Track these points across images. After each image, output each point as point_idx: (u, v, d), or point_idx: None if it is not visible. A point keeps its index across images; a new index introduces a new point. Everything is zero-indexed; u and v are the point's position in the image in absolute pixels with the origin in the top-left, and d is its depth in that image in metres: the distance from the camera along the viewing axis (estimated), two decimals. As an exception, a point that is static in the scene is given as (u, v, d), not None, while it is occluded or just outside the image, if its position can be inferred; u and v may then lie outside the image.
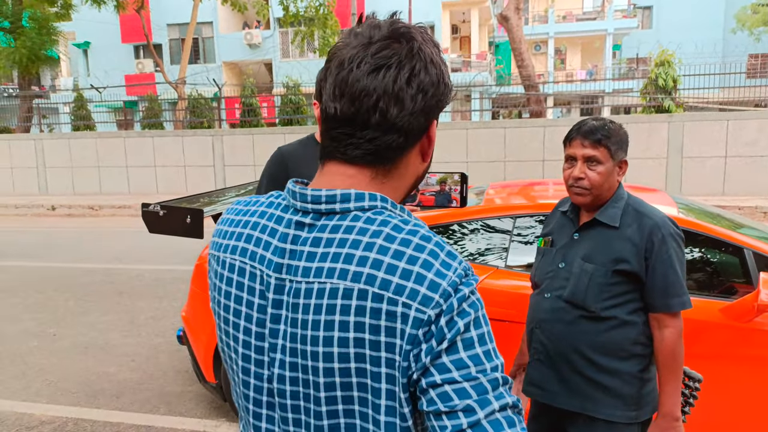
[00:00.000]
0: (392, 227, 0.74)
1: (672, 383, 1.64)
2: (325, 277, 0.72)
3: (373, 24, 0.78)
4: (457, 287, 0.70)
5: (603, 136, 1.67)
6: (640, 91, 11.56)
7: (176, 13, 25.05)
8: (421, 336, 0.68)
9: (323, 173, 0.81)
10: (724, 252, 2.75)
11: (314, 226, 0.76)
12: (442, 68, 0.79)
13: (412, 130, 0.78)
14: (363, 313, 0.69)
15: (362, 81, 0.74)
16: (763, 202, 9.15)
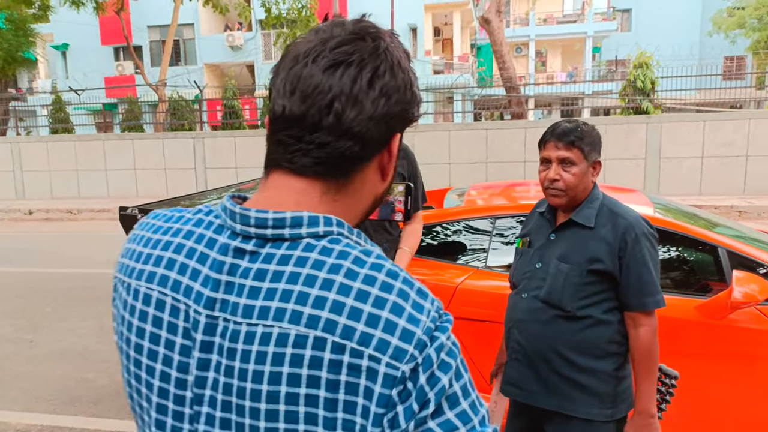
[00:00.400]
0: (353, 260, 0.62)
1: (647, 381, 1.66)
2: (273, 320, 0.59)
3: (337, 22, 0.70)
4: (432, 334, 0.60)
5: (576, 137, 1.70)
6: (619, 93, 11.73)
7: (157, 14, 24.81)
8: (395, 397, 0.57)
9: (266, 186, 0.70)
10: (699, 251, 2.80)
11: (257, 255, 0.64)
12: (410, 75, 0.71)
13: (371, 139, 0.68)
14: (319, 366, 0.57)
15: (317, 77, 0.65)
16: (738, 202, 9.33)
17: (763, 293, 2.15)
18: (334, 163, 0.67)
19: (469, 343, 2.59)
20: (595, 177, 1.76)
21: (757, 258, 2.47)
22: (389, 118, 0.68)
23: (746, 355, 2.34)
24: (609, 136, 10.44)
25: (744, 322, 2.31)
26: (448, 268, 2.74)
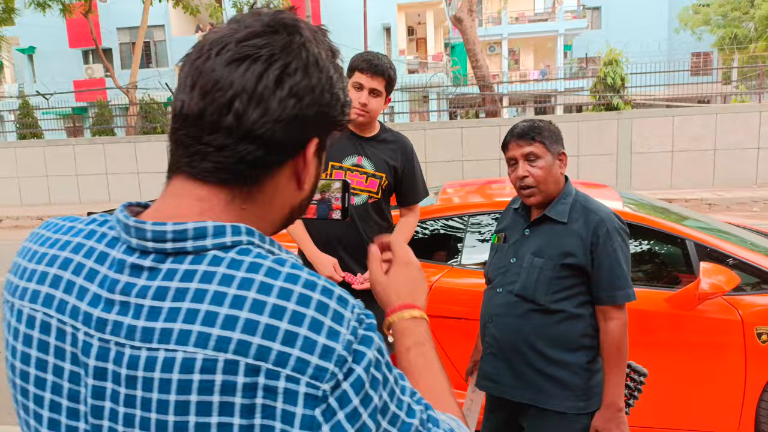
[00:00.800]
0: (266, 272, 0.56)
1: (616, 374, 1.69)
2: (176, 343, 0.53)
3: (256, 11, 0.65)
4: (354, 349, 0.56)
5: (535, 132, 1.75)
6: (590, 90, 11.91)
7: (126, 16, 24.37)
8: (319, 417, 0.53)
9: (167, 193, 0.63)
10: (668, 244, 2.87)
11: (157, 271, 0.57)
12: (331, 75, 0.65)
13: (278, 143, 0.62)
14: (232, 392, 0.52)
15: (218, 71, 0.59)
16: (708, 194, 9.56)
17: (729, 284, 2.21)
18: (237, 169, 0.61)
19: (444, 340, 2.61)
20: (563, 169, 1.80)
21: (723, 249, 2.54)
22: (301, 122, 0.63)
23: (714, 345, 2.40)
24: (581, 132, 10.60)
25: (712, 312, 2.38)
26: (424, 266, 2.75)
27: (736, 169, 10.29)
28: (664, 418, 2.51)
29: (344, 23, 23.41)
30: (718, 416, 2.45)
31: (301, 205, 0.70)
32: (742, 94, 13.28)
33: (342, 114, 0.68)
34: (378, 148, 2.29)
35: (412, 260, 0.89)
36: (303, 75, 0.62)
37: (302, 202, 0.70)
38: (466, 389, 2.64)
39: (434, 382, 0.75)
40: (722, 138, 10.30)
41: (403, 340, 0.80)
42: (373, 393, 0.56)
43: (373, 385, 0.56)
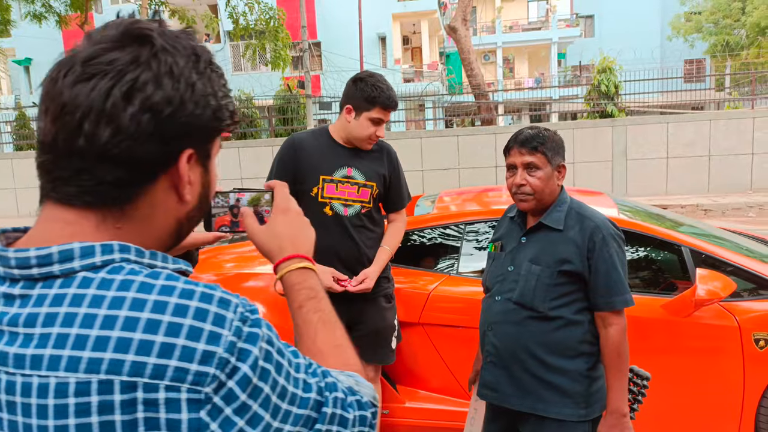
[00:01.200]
0: (138, 288, 0.56)
1: (618, 380, 1.69)
2: (47, 369, 0.53)
3: (111, 23, 0.62)
4: (239, 348, 0.57)
5: (538, 143, 1.75)
6: (584, 98, 11.98)
7: (122, 27, 24.42)
8: (205, 417, 0.55)
9: (39, 220, 0.62)
10: (664, 250, 2.88)
11: (28, 298, 0.57)
12: (192, 82, 0.62)
13: (138, 161, 0.59)
14: (110, 411, 0.52)
15: (65, 93, 0.57)
16: (703, 200, 9.60)
17: (725, 290, 2.22)
18: (100, 191, 0.59)
19: (443, 348, 2.61)
20: (561, 180, 1.81)
21: (719, 256, 2.55)
22: (162, 136, 0.60)
23: (712, 351, 2.41)
24: (576, 139, 10.65)
25: (709, 318, 2.38)
26: (421, 275, 2.75)
27: (731, 175, 10.34)
28: (663, 425, 2.50)
29: (340, 33, 23.54)
30: (717, 423, 2.45)
31: (189, 217, 0.68)
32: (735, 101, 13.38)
33: (217, 120, 0.66)
34: (366, 158, 2.32)
35: (291, 206, 0.87)
36: (155, 87, 0.59)
37: (189, 214, 0.68)
38: (465, 398, 2.63)
39: (331, 336, 0.76)
40: (716, 144, 10.35)
41: (294, 296, 0.79)
42: (263, 384, 0.58)
43: (263, 376, 0.58)
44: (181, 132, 0.62)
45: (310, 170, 2.25)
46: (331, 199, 2.25)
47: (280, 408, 0.59)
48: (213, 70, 0.66)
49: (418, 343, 2.64)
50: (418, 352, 2.66)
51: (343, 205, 2.27)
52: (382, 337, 2.39)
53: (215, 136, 0.68)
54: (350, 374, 0.72)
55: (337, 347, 0.76)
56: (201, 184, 0.68)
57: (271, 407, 0.58)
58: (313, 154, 2.27)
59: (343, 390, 0.67)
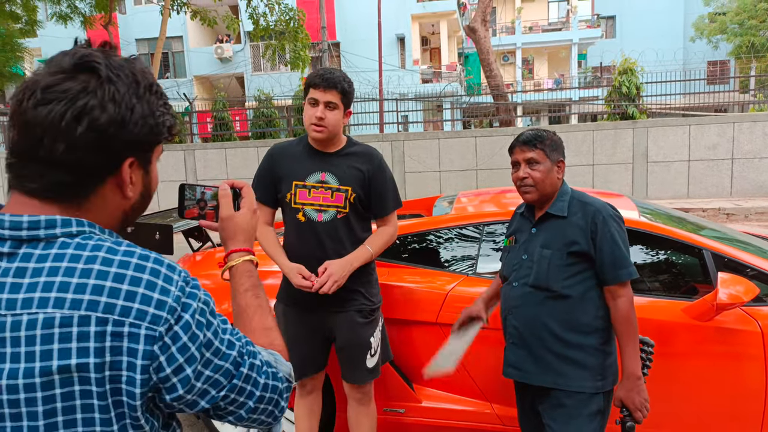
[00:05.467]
0: (107, 250, 0.74)
1: (631, 346, 1.87)
2: (37, 308, 0.70)
3: (65, 53, 0.77)
4: (182, 302, 0.76)
5: (538, 141, 1.98)
6: (605, 99, 11.85)
7: (145, 28, 24.81)
8: (157, 350, 0.73)
9: (10, 203, 0.78)
10: (685, 253, 2.84)
11: (15, 255, 0.73)
12: (132, 106, 0.77)
13: (87, 168, 0.76)
14: (86, 339, 0.70)
15: (29, 113, 0.73)
16: (725, 204, 9.44)
17: (748, 294, 2.19)
18: (57, 190, 0.76)
19: (461, 349, 2.61)
20: (560, 175, 2.02)
21: (741, 260, 2.52)
22: (106, 149, 0.76)
23: (733, 355, 2.38)
24: (596, 141, 10.55)
25: (730, 323, 2.35)
26: (439, 275, 2.76)
27: (755, 178, 10.16)
28: (683, 430, 2.48)
29: (359, 34, 23.60)
30: (737, 428, 2.42)
31: (133, 209, 0.86)
32: (760, 103, 13.13)
33: (154, 135, 0.82)
34: (342, 162, 2.27)
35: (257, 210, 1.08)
36: (101, 111, 0.74)
37: (133, 206, 0.85)
38: (482, 398, 2.64)
39: (264, 319, 0.95)
40: (740, 147, 10.18)
41: (243, 281, 0.98)
42: (199, 332, 0.77)
43: (199, 326, 0.78)
44: (122, 146, 0.78)
45: (285, 177, 2.27)
46: (303, 204, 2.24)
47: (204, 354, 0.78)
48: (152, 93, 0.82)
49: (435, 343, 2.65)
50: (435, 352, 2.66)
51: (316, 211, 2.24)
52: (354, 355, 2.30)
53: (154, 146, 0.84)
54: (272, 352, 0.91)
55: (267, 329, 0.95)
56: (142, 183, 0.84)
57: (200, 352, 0.77)
58: (287, 162, 2.30)
59: (261, 361, 0.86)
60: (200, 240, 3.34)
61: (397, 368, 2.71)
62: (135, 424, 0.75)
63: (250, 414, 0.84)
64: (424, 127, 15.78)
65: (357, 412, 2.40)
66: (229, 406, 0.82)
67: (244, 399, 0.83)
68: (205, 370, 0.78)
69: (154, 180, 0.88)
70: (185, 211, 1.07)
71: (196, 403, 0.78)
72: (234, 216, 1.03)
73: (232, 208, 1.04)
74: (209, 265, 3.09)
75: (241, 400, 0.83)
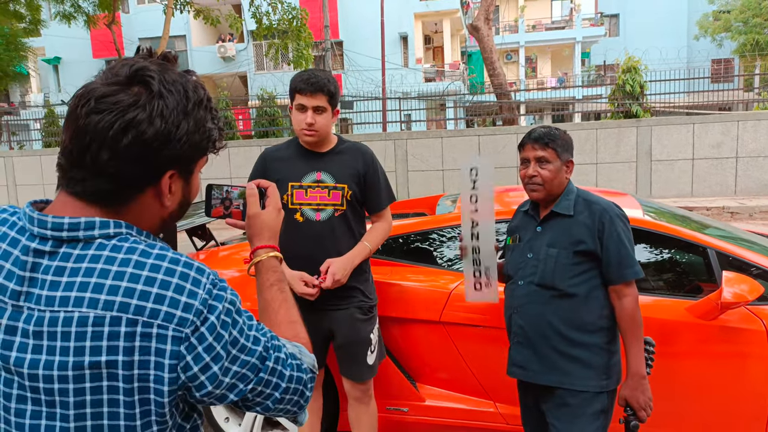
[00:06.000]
0: (140, 253, 0.77)
1: (635, 345, 1.87)
2: (73, 306, 0.74)
3: (124, 63, 0.80)
4: (209, 304, 0.79)
5: (549, 139, 1.96)
6: (609, 97, 11.82)
7: (148, 27, 24.85)
8: (183, 350, 0.77)
9: (56, 201, 0.82)
10: (689, 252, 2.84)
11: (56, 254, 0.77)
12: (178, 122, 0.80)
13: (127, 178, 0.79)
14: (117, 338, 0.74)
15: (81, 120, 0.76)
16: (730, 203, 9.41)
17: (752, 293, 2.18)
18: (99, 195, 0.79)
19: (463, 347, 2.61)
20: (569, 174, 2.01)
21: (746, 258, 2.51)
22: (148, 162, 0.79)
23: (737, 355, 2.37)
24: (600, 140, 10.52)
25: (735, 322, 2.34)
26: (443, 273, 2.76)
27: (759, 177, 10.12)
28: (687, 429, 2.47)
29: (362, 32, 23.59)
30: (742, 428, 2.42)
31: (171, 216, 0.89)
32: (764, 101, 13.07)
33: (198, 151, 0.85)
34: (336, 160, 2.29)
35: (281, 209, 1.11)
36: (148, 125, 0.77)
37: (171, 214, 0.89)
38: (485, 397, 2.64)
39: (289, 313, 0.99)
40: (744, 145, 10.14)
41: (268, 276, 1.01)
42: (224, 332, 0.80)
43: (224, 326, 0.80)
44: (165, 159, 0.81)
45: (280, 180, 2.26)
46: (301, 205, 2.25)
47: (231, 352, 0.81)
48: (201, 108, 0.84)
49: (438, 342, 2.65)
50: (438, 350, 2.67)
51: (314, 210, 2.25)
52: (354, 352, 2.32)
53: (197, 161, 0.87)
54: (296, 344, 0.94)
55: (292, 323, 0.98)
56: (182, 193, 0.88)
57: (227, 350, 0.80)
58: (281, 164, 2.30)
59: (286, 353, 0.89)
60: (203, 239, 3.35)
61: (400, 367, 2.71)
62: (159, 420, 0.79)
63: (276, 404, 0.88)
64: (427, 126, 15.78)
65: (357, 410, 2.41)
66: (257, 398, 0.86)
67: (271, 390, 0.86)
68: (232, 366, 0.81)
69: (194, 189, 0.91)
70: (212, 210, 1.10)
71: (225, 397, 0.82)
72: (260, 214, 1.06)
73: (259, 207, 1.07)
74: (213, 263, 3.09)
75: (268, 391, 0.86)
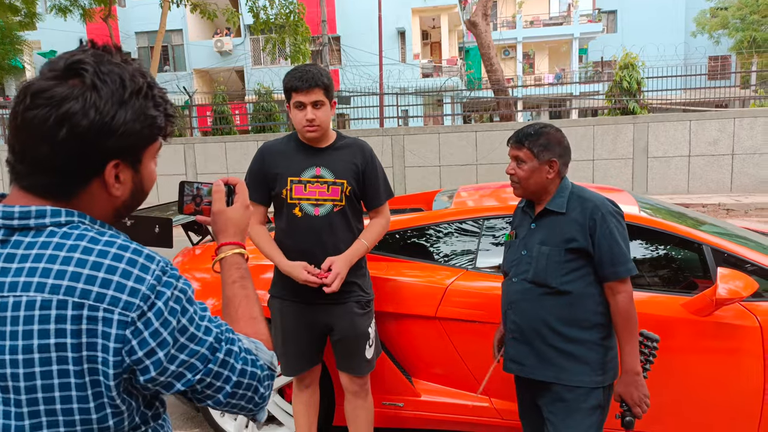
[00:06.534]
0: (89, 240, 0.79)
1: (630, 342, 1.87)
2: (21, 291, 0.76)
3: (61, 56, 0.80)
4: (157, 290, 0.80)
5: (526, 140, 1.96)
6: (606, 94, 11.83)
7: (144, 21, 24.72)
8: (129, 335, 0.78)
9: (11, 195, 0.84)
10: (685, 249, 2.84)
11: (7, 242, 0.79)
12: (114, 113, 0.79)
13: (70, 172, 0.80)
14: (64, 321, 0.75)
15: (18, 118, 0.78)
16: (725, 199, 9.44)
17: (747, 289, 2.19)
18: (48, 189, 0.81)
19: (459, 343, 2.62)
20: (553, 174, 1.97)
21: (741, 255, 2.51)
22: (86, 153, 0.79)
23: (731, 351, 2.38)
24: (597, 136, 10.54)
25: (729, 318, 2.35)
26: (439, 269, 2.76)
27: (755, 174, 10.16)
28: (682, 425, 2.49)
29: (359, 27, 23.52)
30: (736, 424, 2.43)
31: (124, 205, 0.89)
32: (761, 98, 13.10)
33: (142, 137, 0.84)
34: (335, 156, 2.29)
35: (249, 205, 1.10)
36: (82, 117, 0.77)
37: (124, 203, 0.89)
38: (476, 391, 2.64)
39: (250, 309, 0.99)
40: (740, 142, 10.17)
41: (231, 272, 1.02)
42: (172, 318, 0.81)
43: (172, 313, 0.81)
44: (105, 150, 0.81)
45: (279, 174, 2.26)
46: (299, 200, 2.25)
47: (178, 339, 0.81)
48: (140, 97, 0.83)
49: (434, 337, 2.66)
50: (434, 346, 2.67)
51: (313, 205, 2.25)
52: (353, 346, 2.33)
53: (142, 149, 0.87)
54: (254, 340, 0.94)
55: (252, 318, 0.98)
56: (132, 181, 0.87)
57: (174, 337, 0.81)
58: (280, 159, 2.29)
59: (240, 347, 0.89)
60: (200, 233, 3.34)
61: (396, 362, 2.72)
62: (112, 403, 0.79)
63: (228, 399, 0.88)
64: (424, 122, 15.76)
65: (354, 405, 2.41)
66: (207, 390, 0.85)
67: (221, 383, 0.86)
68: (179, 354, 0.81)
69: (147, 177, 0.90)
70: (184, 206, 1.11)
71: (171, 385, 0.82)
72: (225, 211, 1.06)
73: (224, 203, 1.07)
74: (208, 258, 3.09)
75: (218, 384, 0.86)
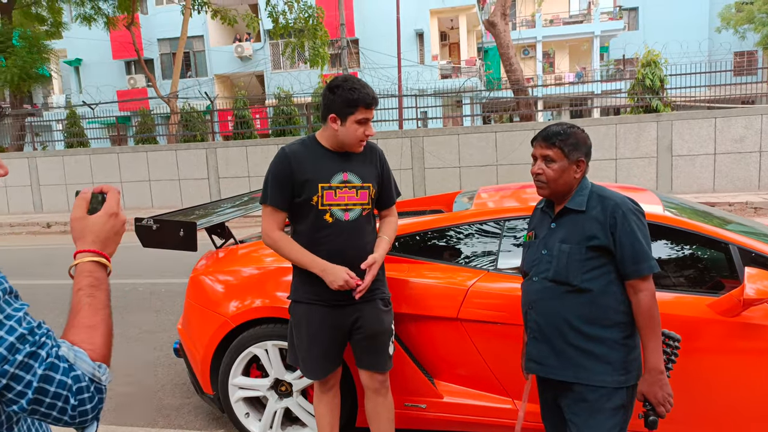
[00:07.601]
0: None
1: (653, 340, 1.85)
2: None
3: None
4: None
5: (558, 139, 1.95)
6: (628, 92, 11.67)
7: (166, 28, 25.15)
8: None
9: None
10: (711, 248, 2.80)
11: None
12: None
13: None
14: None
15: None
16: (753, 198, 9.24)
17: (775, 289, 2.15)
18: None
19: (481, 344, 2.61)
20: (579, 174, 1.99)
21: (769, 254, 2.46)
22: None
23: (760, 351, 2.33)
24: (619, 135, 10.40)
25: (758, 318, 2.31)
26: (460, 271, 2.76)
27: (784, 172, 9.92)
28: (710, 427, 2.44)
29: (377, 29, 23.57)
30: (765, 425, 2.38)
31: None
32: (789, 94, 12.78)
33: None
34: (359, 161, 2.35)
35: (120, 213, 1.09)
36: None
37: None
38: (503, 394, 2.63)
39: (90, 318, 0.97)
40: (768, 139, 9.94)
41: (79, 279, 1.00)
42: None
43: None
44: None
45: (308, 181, 2.26)
46: (330, 205, 2.27)
47: None
48: None
49: (456, 339, 2.65)
50: (455, 347, 2.67)
51: (343, 210, 2.28)
52: (380, 342, 2.38)
53: None
54: (76, 350, 0.91)
55: (89, 327, 0.96)
56: None
57: None
58: (307, 165, 2.29)
59: (51, 353, 0.86)
60: (223, 237, 3.39)
61: (418, 364, 2.72)
62: None
63: (32, 405, 0.84)
64: (443, 123, 15.73)
65: (375, 402, 2.43)
66: (7, 393, 0.82)
67: (22, 388, 0.83)
68: None
69: None
70: None
71: None
72: (84, 218, 1.06)
73: (83, 211, 1.07)
74: (231, 261, 3.13)
75: (19, 388, 0.82)
